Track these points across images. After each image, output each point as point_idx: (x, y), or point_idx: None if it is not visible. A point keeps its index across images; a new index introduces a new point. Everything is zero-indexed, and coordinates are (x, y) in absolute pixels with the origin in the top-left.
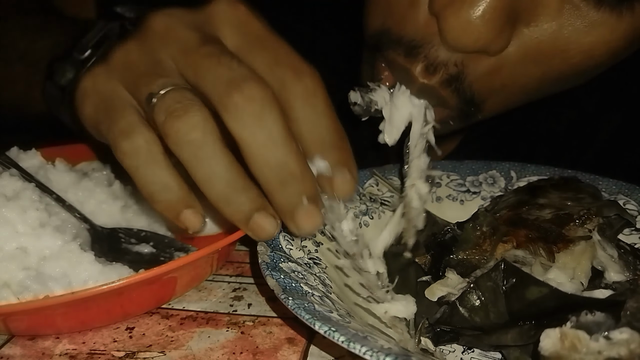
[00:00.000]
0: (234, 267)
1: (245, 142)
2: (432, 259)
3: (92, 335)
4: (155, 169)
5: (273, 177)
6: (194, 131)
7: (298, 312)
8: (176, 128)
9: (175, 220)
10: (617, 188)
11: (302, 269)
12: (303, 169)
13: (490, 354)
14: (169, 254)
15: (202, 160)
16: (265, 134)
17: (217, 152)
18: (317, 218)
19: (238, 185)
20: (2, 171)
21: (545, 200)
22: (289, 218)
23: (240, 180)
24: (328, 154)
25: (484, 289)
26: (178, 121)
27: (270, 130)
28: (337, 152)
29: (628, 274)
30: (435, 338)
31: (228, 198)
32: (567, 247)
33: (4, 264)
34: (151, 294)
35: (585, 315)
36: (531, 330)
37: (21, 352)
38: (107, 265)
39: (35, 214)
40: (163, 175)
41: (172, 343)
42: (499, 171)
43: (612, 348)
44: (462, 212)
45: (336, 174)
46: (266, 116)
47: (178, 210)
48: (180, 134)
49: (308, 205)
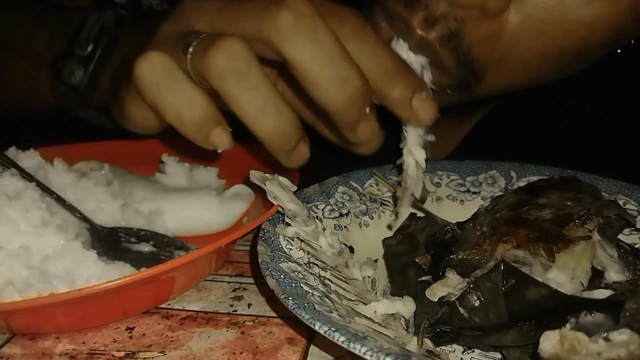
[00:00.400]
0: (233, 267)
1: (303, 63)
2: (432, 259)
3: (92, 335)
4: (178, 84)
5: (339, 95)
6: (238, 59)
7: (298, 312)
8: (217, 59)
9: (204, 142)
10: (617, 188)
11: (302, 269)
12: (364, 80)
13: (490, 354)
14: (169, 253)
15: (249, 90)
16: (323, 52)
17: (264, 81)
18: (376, 124)
19: (288, 115)
20: (3, 171)
21: (545, 200)
22: (351, 132)
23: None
24: (397, 81)
25: (484, 290)
26: (219, 51)
27: (327, 46)
28: (406, 76)
29: (628, 274)
30: (435, 338)
31: (279, 130)
32: (567, 247)
33: (7, 262)
34: (152, 292)
35: (585, 316)
36: (531, 331)
37: (21, 352)
38: (110, 263)
39: (38, 213)
40: (188, 90)
41: (172, 343)
42: (499, 171)
43: (611, 349)
44: (462, 212)
45: (414, 98)
46: (320, 32)
47: (208, 129)
48: (222, 64)
49: (369, 115)
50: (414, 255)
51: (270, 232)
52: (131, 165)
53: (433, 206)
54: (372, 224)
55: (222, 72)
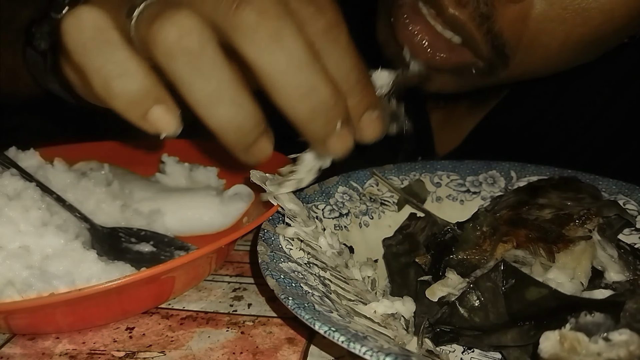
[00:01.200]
0: (233, 267)
1: (264, 68)
2: (432, 259)
3: (92, 335)
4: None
5: (302, 107)
6: (189, 36)
7: (298, 312)
8: (166, 33)
9: (141, 122)
10: (617, 188)
11: (302, 269)
12: (333, 91)
13: (490, 354)
14: (169, 253)
15: (201, 75)
16: (287, 56)
17: (219, 65)
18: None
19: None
20: (3, 171)
21: (545, 200)
22: (320, 145)
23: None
24: (354, 92)
25: (484, 290)
26: (168, 23)
27: (291, 50)
28: (363, 89)
29: (628, 274)
30: (435, 338)
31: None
32: (567, 247)
33: (7, 262)
34: (152, 292)
35: (585, 316)
36: (531, 331)
37: (21, 352)
38: (110, 263)
39: (38, 213)
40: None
41: (172, 343)
42: (499, 171)
43: (611, 350)
44: (462, 212)
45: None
46: (285, 34)
47: (145, 107)
48: (171, 40)
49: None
50: (414, 255)
51: (270, 232)
52: (131, 165)
53: (433, 206)
54: (372, 224)
55: (170, 50)
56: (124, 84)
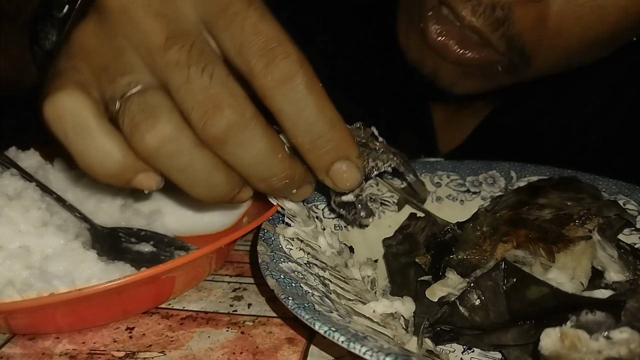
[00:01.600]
0: (233, 267)
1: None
2: (432, 259)
3: (92, 335)
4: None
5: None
6: (168, 144)
7: (298, 312)
8: (146, 142)
9: (127, 186)
10: (617, 188)
11: (302, 269)
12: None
13: (490, 353)
14: (169, 253)
15: (177, 170)
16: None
17: (193, 158)
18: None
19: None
20: (3, 171)
21: (545, 200)
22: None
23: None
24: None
25: (484, 289)
26: (148, 135)
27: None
28: (330, 140)
29: (628, 274)
30: (435, 337)
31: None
32: (567, 247)
33: (7, 262)
34: (152, 292)
35: (586, 314)
36: (531, 330)
37: (21, 352)
38: (110, 263)
39: (38, 213)
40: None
41: (172, 343)
42: (499, 171)
43: (612, 347)
44: (462, 212)
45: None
46: (247, 143)
47: (127, 178)
48: (150, 149)
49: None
50: (414, 255)
51: (270, 232)
52: None
53: (433, 206)
54: (372, 224)
55: (150, 155)
56: (104, 165)
